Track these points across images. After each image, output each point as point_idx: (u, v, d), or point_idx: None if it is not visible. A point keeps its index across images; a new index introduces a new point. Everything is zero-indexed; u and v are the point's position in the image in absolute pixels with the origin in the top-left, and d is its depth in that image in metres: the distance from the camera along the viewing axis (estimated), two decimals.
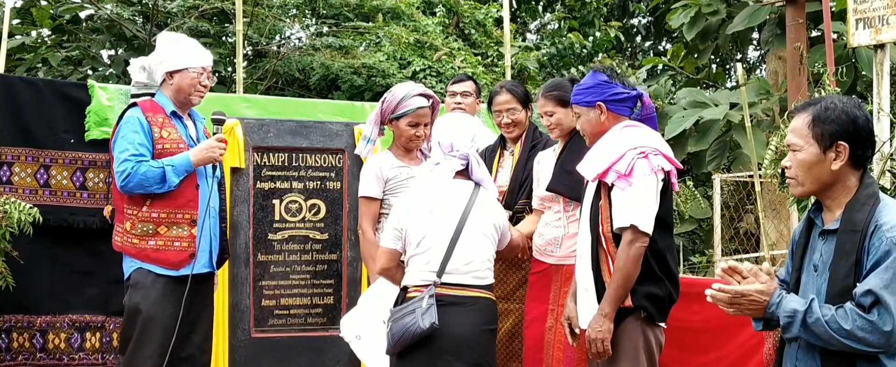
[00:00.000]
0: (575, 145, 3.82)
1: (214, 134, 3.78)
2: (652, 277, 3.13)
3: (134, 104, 3.75)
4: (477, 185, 3.45)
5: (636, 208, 3.09)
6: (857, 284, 2.23)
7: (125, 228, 3.69)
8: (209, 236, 3.78)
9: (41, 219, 3.98)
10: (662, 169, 3.17)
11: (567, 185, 3.76)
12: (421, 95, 3.91)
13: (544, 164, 3.90)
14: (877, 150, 3.67)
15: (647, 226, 3.09)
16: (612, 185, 3.14)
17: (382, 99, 3.98)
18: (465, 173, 3.48)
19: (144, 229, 3.66)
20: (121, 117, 3.74)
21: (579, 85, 3.41)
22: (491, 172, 4.17)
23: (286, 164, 4.52)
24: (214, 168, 3.80)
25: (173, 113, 3.77)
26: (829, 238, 2.36)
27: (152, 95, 3.83)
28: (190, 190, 3.70)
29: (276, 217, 4.51)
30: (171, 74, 3.75)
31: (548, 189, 3.80)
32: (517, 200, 4.04)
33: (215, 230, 3.84)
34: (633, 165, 3.12)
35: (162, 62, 3.76)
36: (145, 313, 3.62)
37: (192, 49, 3.80)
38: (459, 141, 3.50)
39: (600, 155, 3.23)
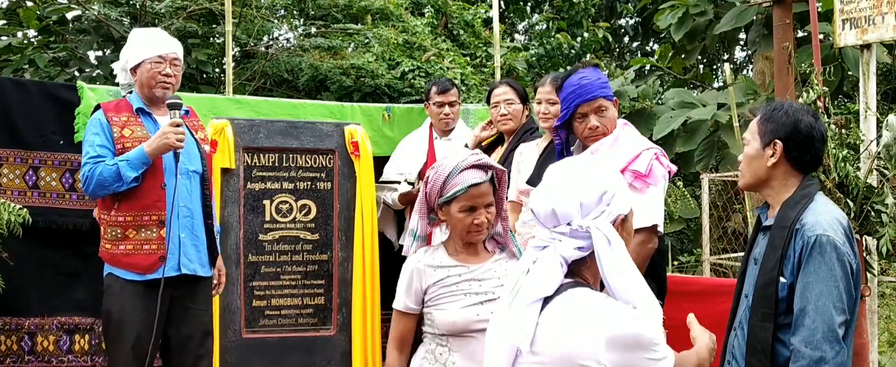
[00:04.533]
0: None
1: (171, 120, 3.54)
2: (653, 276, 3.16)
3: (98, 107, 3.70)
4: None
5: (655, 208, 3.09)
6: (781, 278, 2.38)
7: (102, 233, 3.67)
8: (178, 237, 3.60)
9: (30, 220, 3.96)
10: (670, 171, 3.19)
11: None
12: (475, 166, 2.68)
13: (526, 155, 3.87)
14: (863, 149, 3.70)
15: (662, 227, 3.12)
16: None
17: (426, 178, 2.76)
18: None
19: (114, 233, 3.60)
20: None
21: (600, 79, 3.30)
22: None
23: (276, 164, 4.52)
24: (177, 157, 3.51)
25: (140, 110, 3.68)
26: (767, 234, 2.49)
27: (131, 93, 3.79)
28: (155, 190, 3.58)
29: (267, 218, 4.50)
30: (133, 70, 3.68)
31: (528, 182, 3.81)
32: None
33: (199, 230, 3.71)
34: (651, 165, 3.12)
35: (126, 61, 3.71)
36: (116, 317, 3.58)
37: (146, 40, 3.67)
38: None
39: (612, 153, 3.20)
